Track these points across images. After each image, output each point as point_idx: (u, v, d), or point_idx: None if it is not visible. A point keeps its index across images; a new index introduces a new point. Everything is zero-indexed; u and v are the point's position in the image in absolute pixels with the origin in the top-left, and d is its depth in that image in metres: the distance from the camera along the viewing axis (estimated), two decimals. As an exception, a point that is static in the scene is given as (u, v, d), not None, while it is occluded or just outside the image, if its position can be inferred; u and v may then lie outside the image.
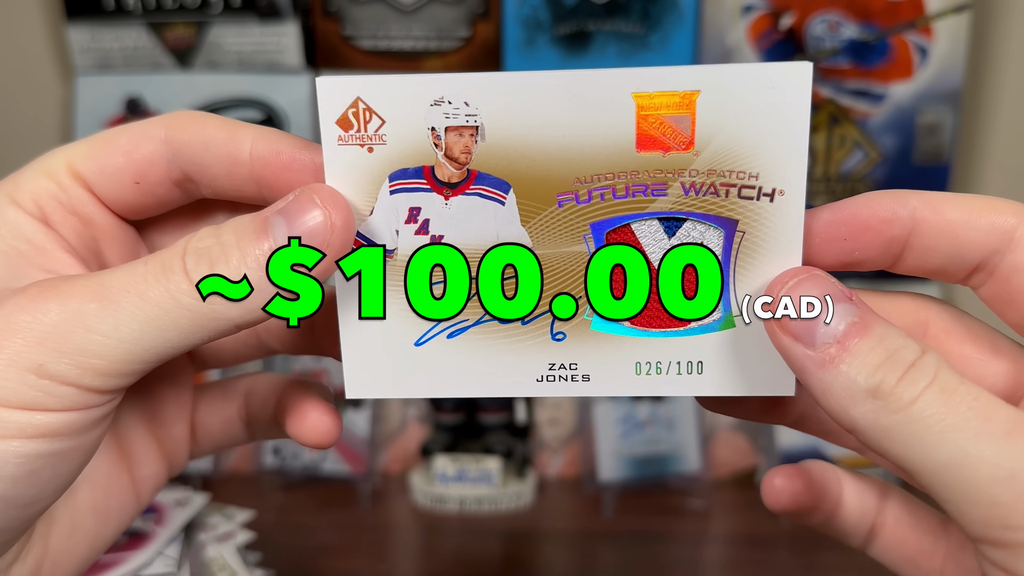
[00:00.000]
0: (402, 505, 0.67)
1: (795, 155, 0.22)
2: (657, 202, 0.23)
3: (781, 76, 0.22)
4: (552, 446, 0.71)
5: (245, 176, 0.24)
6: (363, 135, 0.23)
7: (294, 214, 0.22)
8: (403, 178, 0.23)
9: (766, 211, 0.22)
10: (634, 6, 0.65)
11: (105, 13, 0.67)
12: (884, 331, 0.21)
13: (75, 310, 0.20)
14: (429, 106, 0.22)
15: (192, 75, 0.68)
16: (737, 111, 0.22)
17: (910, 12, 0.64)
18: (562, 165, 0.22)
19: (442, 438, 0.68)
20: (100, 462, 0.26)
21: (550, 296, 0.23)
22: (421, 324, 0.24)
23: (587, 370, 0.24)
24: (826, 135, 0.67)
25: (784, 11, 0.65)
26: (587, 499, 0.67)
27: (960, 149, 0.69)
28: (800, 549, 0.61)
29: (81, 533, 0.25)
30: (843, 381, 0.20)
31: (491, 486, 0.66)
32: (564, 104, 0.22)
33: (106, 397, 0.21)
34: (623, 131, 0.22)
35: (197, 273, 0.21)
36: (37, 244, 0.23)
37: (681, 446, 0.68)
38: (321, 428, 0.26)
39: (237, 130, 0.24)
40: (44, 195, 0.24)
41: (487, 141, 0.22)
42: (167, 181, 0.24)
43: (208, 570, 0.52)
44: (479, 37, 0.66)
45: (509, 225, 0.23)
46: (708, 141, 0.22)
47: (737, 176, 0.22)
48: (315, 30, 0.67)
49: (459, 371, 0.24)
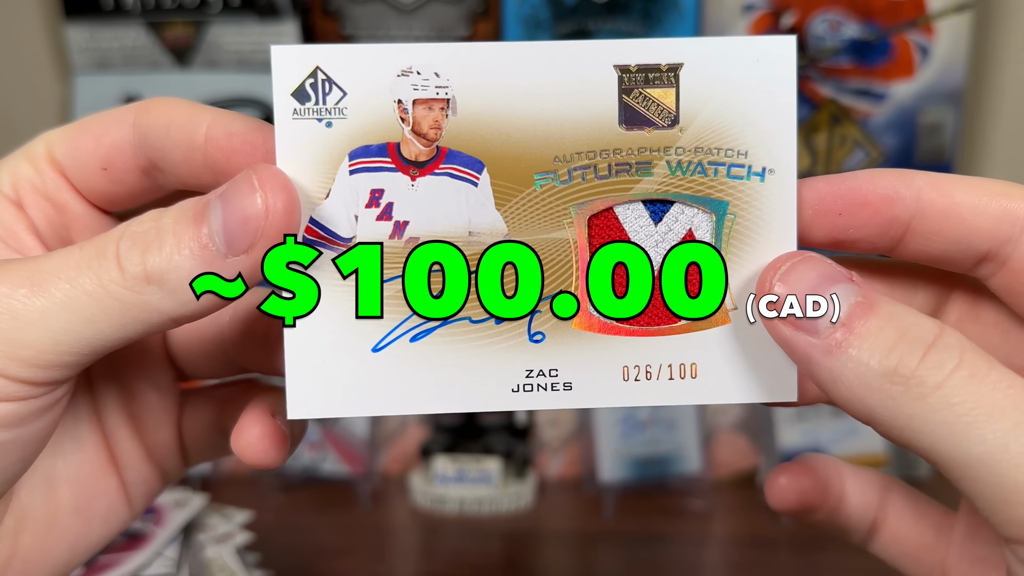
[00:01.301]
0: (402, 506, 0.67)
1: (784, 132, 0.21)
2: (642, 182, 0.21)
3: (766, 49, 0.21)
4: (552, 446, 0.71)
5: (200, 161, 0.22)
6: (321, 107, 0.21)
7: (230, 197, 0.20)
8: (365, 156, 0.21)
9: (757, 191, 0.21)
10: (634, 5, 0.64)
11: (104, 12, 0.66)
12: (892, 309, 0.19)
13: (3, 295, 0.19)
14: (396, 77, 0.21)
15: (191, 74, 0.68)
16: (722, 85, 0.21)
17: (911, 11, 0.64)
18: (540, 142, 0.21)
19: (442, 439, 0.68)
20: (84, 462, 0.25)
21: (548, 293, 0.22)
22: (381, 325, 0.21)
23: (569, 377, 0.22)
24: (827, 134, 0.66)
25: (785, 10, 0.65)
26: (587, 500, 0.67)
27: (962, 148, 0.69)
28: (801, 550, 0.60)
29: (59, 533, 0.24)
30: (854, 367, 0.19)
31: (491, 487, 0.66)
32: (542, 76, 0.21)
33: (40, 389, 0.20)
34: (605, 106, 0.21)
35: (128, 260, 0.20)
36: (7, 225, 0.23)
37: (681, 446, 0.68)
38: (257, 446, 0.23)
39: (197, 112, 0.22)
40: (22, 179, 0.23)
41: (459, 116, 0.21)
42: (134, 168, 0.23)
43: (207, 571, 0.52)
44: (479, 36, 0.66)
45: (482, 208, 0.21)
46: (693, 117, 0.21)
47: (725, 154, 0.21)
48: (314, 29, 0.67)
49: (423, 382, 0.21)
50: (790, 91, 0.21)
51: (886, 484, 0.26)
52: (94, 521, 0.25)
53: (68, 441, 0.25)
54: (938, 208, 0.21)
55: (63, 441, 0.25)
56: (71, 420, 0.25)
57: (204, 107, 0.22)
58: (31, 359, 0.19)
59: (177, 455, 0.27)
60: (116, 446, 0.26)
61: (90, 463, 0.25)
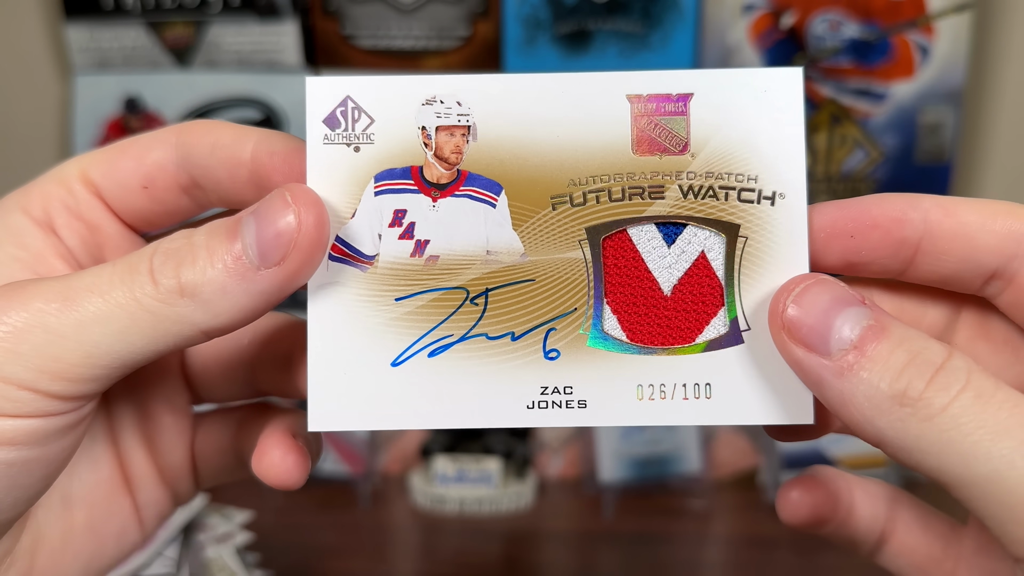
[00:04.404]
0: (402, 506, 0.67)
1: (792, 158, 0.22)
2: (655, 205, 0.22)
3: (772, 80, 0.22)
4: (552, 447, 0.71)
5: (246, 179, 0.23)
6: (350, 134, 0.22)
7: (264, 212, 0.21)
8: (389, 179, 0.22)
9: (768, 215, 0.22)
10: (635, 5, 0.64)
11: (104, 12, 0.66)
12: (903, 333, 0.19)
13: (36, 310, 0.20)
14: (420, 105, 0.22)
15: (191, 74, 0.68)
16: (731, 114, 0.22)
17: (911, 11, 0.64)
18: (556, 167, 0.22)
19: (442, 439, 0.68)
20: (99, 482, 0.25)
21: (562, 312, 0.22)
22: (400, 340, 0.22)
23: (584, 395, 0.22)
24: (827, 134, 0.66)
25: (785, 10, 0.65)
26: (587, 500, 0.67)
27: (962, 148, 0.69)
28: (801, 550, 0.60)
29: (73, 553, 0.25)
30: (865, 389, 0.19)
31: (491, 487, 0.66)
32: (558, 105, 0.22)
33: (69, 404, 0.20)
34: (619, 132, 0.22)
35: (162, 275, 0.20)
36: (35, 251, 0.23)
37: (682, 447, 0.68)
38: (280, 467, 0.24)
39: (243, 133, 0.23)
40: (53, 200, 0.24)
41: (478, 141, 0.22)
42: (175, 187, 0.24)
43: (207, 571, 0.52)
44: (479, 36, 0.66)
45: (500, 228, 0.22)
46: (704, 143, 0.22)
47: (736, 179, 0.22)
48: (314, 29, 0.67)
49: (439, 396, 0.22)
50: (798, 119, 0.22)
51: (894, 496, 0.26)
52: (107, 541, 0.26)
53: (84, 462, 0.25)
54: (945, 228, 0.21)
55: (79, 461, 0.25)
56: (88, 441, 0.26)
57: (248, 128, 0.23)
58: (63, 372, 0.20)
59: (189, 477, 0.28)
60: (130, 467, 0.26)
61: (105, 484, 0.26)
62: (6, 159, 0.74)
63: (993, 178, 0.71)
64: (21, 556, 0.23)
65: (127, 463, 0.26)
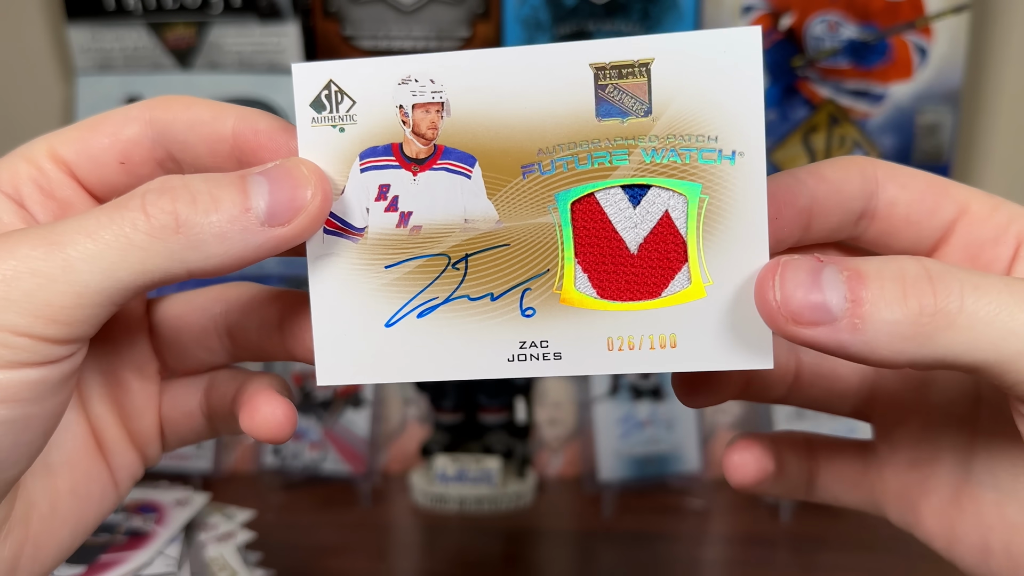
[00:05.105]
0: (402, 505, 0.67)
1: (752, 117, 0.22)
2: (619, 169, 0.23)
3: (731, 41, 0.22)
4: (552, 446, 0.71)
5: (227, 153, 0.24)
6: (335, 115, 0.23)
7: (279, 178, 0.22)
8: (373, 156, 0.24)
9: (727, 173, 0.23)
10: (634, 6, 0.65)
11: (106, 13, 0.67)
12: (872, 266, 0.21)
13: (23, 256, 0.20)
14: (397, 85, 0.23)
15: (193, 75, 0.68)
16: (691, 76, 0.23)
17: (909, 12, 0.64)
18: (525, 137, 0.23)
19: (442, 438, 0.68)
20: (76, 449, 0.26)
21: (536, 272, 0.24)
22: (392, 303, 0.24)
23: (558, 347, 0.24)
24: (826, 135, 0.67)
25: (784, 11, 0.65)
26: (587, 499, 0.68)
27: (959, 149, 0.69)
28: (800, 549, 0.61)
29: (62, 516, 0.25)
30: (884, 326, 0.20)
31: (491, 486, 0.66)
32: (525, 77, 0.23)
33: (65, 349, 0.21)
34: (582, 100, 0.23)
35: (156, 209, 0.21)
36: (5, 221, 0.24)
37: (681, 446, 0.68)
38: (273, 421, 0.26)
39: (221, 110, 0.24)
40: (22, 178, 0.24)
41: (452, 116, 0.23)
42: (151, 161, 0.25)
43: (208, 570, 0.52)
44: (479, 37, 0.66)
45: (475, 198, 0.23)
46: (665, 107, 0.23)
47: (696, 140, 0.23)
48: (315, 30, 0.67)
49: (430, 353, 0.24)
50: (756, 78, 0.22)
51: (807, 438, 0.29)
52: (90, 503, 0.27)
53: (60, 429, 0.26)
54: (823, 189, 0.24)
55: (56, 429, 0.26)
56: None
57: (226, 104, 0.24)
58: (56, 316, 0.20)
59: (157, 440, 0.29)
60: (102, 432, 0.27)
61: (81, 450, 0.26)
62: (8, 160, 0.74)
63: (991, 178, 0.71)
64: (17, 524, 0.24)
65: (99, 429, 0.27)
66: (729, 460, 0.28)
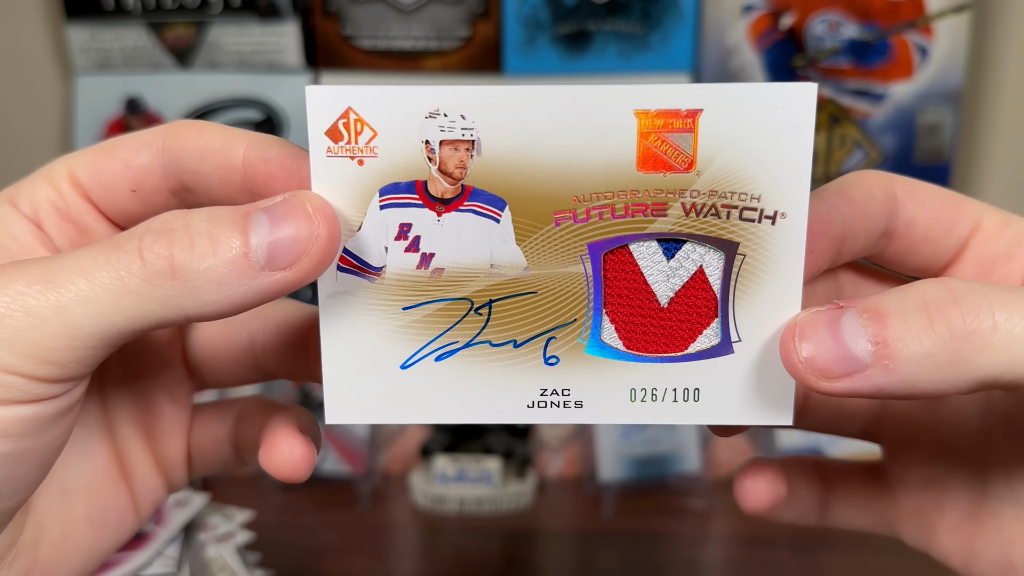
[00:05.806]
0: (402, 505, 0.67)
1: (798, 177, 0.22)
2: (657, 222, 0.22)
3: (785, 96, 0.21)
4: (552, 446, 0.71)
5: (238, 184, 0.23)
6: (353, 147, 0.22)
7: (280, 217, 0.20)
8: (394, 193, 0.22)
9: (767, 234, 0.22)
10: (634, 6, 0.65)
11: (105, 13, 0.67)
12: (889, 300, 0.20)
13: (17, 293, 0.19)
14: (424, 118, 0.21)
15: (192, 75, 0.68)
16: (740, 131, 0.21)
17: (910, 12, 0.64)
18: (560, 183, 0.22)
19: (442, 438, 0.68)
20: (96, 473, 0.26)
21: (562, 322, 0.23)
22: (409, 346, 0.23)
23: (580, 396, 0.23)
24: (826, 135, 0.67)
25: (784, 11, 0.65)
26: (587, 499, 0.67)
27: (961, 149, 0.69)
28: (800, 549, 0.60)
29: (74, 543, 0.25)
30: (917, 360, 0.20)
31: (491, 486, 0.66)
32: (563, 119, 0.21)
33: (58, 388, 0.20)
34: (624, 149, 0.22)
35: (152, 253, 0.20)
36: (24, 243, 0.23)
37: (681, 446, 0.68)
38: (290, 460, 0.25)
39: (233, 137, 0.23)
40: (42, 200, 0.24)
41: (483, 156, 0.22)
42: (163, 190, 0.24)
43: (208, 570, 0.52)
44: (479, 37, 0.66)
45: (503, 243, 0.22)
46: (710, 161, 0.22)
47: (739, 198, 0.22)
48: (315, 30, 0.67)
49: (446, 396, 0.23)
50: (807, 137, 0.21)
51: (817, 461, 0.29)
52: (106, 530, 0.26)
53: (80, 453, 0.25)
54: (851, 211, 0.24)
55: (75, 453, 0.25)
56: (83, 432, 0.26)
57: (239, 131, 0.23)
58: (47, 356, 0.19)
59: (183, 466, 0.28)
60: (127, 456, 0.27)
61: (102, 475, 0.26)
62: (7, 159, 0.74)
63: (992, 178, 0.71)
64: (25, 549, 0.23)
65: (124, 453, 0.26)
66: (741, 486, 0.28)
